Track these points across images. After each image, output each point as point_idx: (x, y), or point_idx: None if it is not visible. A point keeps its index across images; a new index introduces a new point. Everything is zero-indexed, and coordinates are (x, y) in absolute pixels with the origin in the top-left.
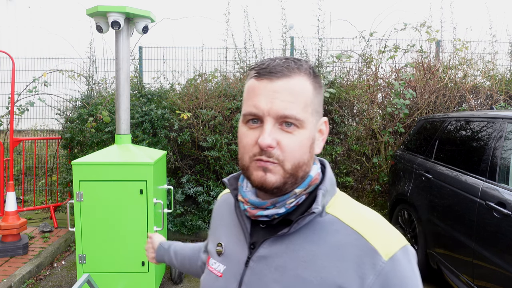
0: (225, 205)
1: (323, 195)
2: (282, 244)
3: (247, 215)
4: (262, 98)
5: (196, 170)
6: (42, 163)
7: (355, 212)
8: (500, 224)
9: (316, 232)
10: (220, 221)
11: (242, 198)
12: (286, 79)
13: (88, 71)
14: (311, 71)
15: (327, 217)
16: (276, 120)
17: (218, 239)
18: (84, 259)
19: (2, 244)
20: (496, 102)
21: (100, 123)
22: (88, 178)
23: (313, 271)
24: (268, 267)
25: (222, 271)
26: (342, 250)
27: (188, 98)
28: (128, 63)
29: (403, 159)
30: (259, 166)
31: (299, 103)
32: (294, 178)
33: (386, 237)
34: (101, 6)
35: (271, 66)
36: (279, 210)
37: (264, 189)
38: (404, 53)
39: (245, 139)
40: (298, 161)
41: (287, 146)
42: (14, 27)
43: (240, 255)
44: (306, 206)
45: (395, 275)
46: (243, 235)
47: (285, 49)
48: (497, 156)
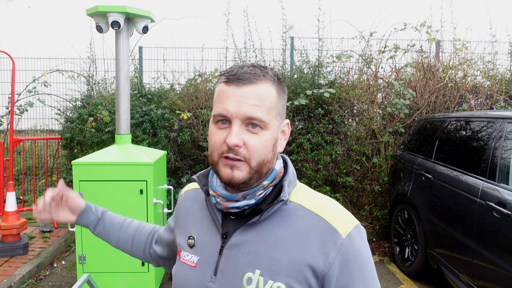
0: (191, 200)
1: (288, 185)
2: (252, 231)
3: (219, 208)
4: (230, 102)
5: (196, 170)
6: (42, 163)
7: (315, 199)
8: (500, 224)
9: (283, 218)
10: (187, 216)
11: (214, 193)
12: (252, 85)
13: (88, 71)
14: (275, 78)
15: (291, 204)
16: (242, 121)
17: (189, 232)
18: (84, 259)
19: (2, 244)
20: (496, 102)
21: (100, 123)
22: (88, 178)
23: (283, 252)
24: (241, 253)
25: (196, 261)
26: (307, 232)
27: (188, 98)
28: (128, 63)
29: (403, 159)
30: (227, 164)
31: (264, 107)
32: (258, 174)
33: (342, 218)
34: (101, 6)
35: (239, 73)
36: (249, 201)
37: (232, 184)
38: (404, 53)
39: (214, 137)
40: (263, 159)
41: (252, 145)
42: (14, 27)
43: (213, 245)
44: (273, 196)
45: (352, 249)
46: (215, 226)
47: (285, 49)
48: (497, 156)
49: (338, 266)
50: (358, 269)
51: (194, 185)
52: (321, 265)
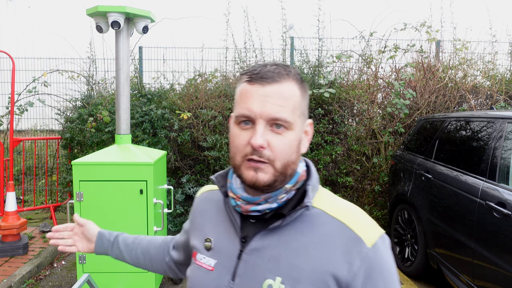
0: (208, 202)
1: (312, 190)
2: (274, 237)
3: (238, 211)
4: (254, 102)
5: (196, 170)
6: (42, 163)
7: (338, 205)
8: (500, 224)
9: (306, 224)
10: (203, 218)
11: (233, 195)
12: (276, 84)
13: (88, 71)
14: (298, 77)
15: (314, 210)
16: (267, 122)
17: (205, 235)
18: (84, 259)
19: (2, 244)
20: (496, 102)
21: (100, 123)
22: (88, 178)
23: (305, 259)
24: (261, 258)
25: (213, 265)
26: (330, 239)
27: (188, 98)
28: (128, 63)
29: (403, 159)
30: (250, 166)
31: (288, 107)
32: (283, 176)
33: (367, 226)
34: (101, 6)
35: (262, 72)
36: (271, 205)
37: (256, 187)
38: (404, 53)
39: (237, 139)
40: (287, 160)
41: (277, 146)
42: (14, 27)
43: (232, 248)
44: (295, 200)
45: (377, 260)
46: (234, 229)
47: (285, 49)
48: (497, 156)
49: (363, 276)
50: (382, 280)
51: (210, 187)
52: (345, 274)
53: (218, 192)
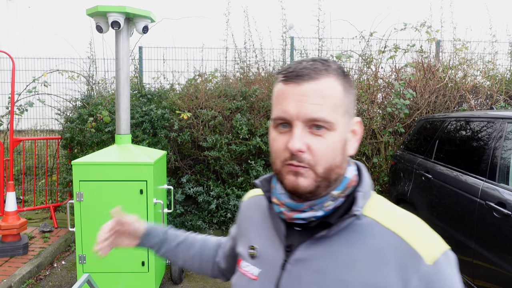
0: (254, 207)
1: (362, 197)
2: (320, 247)
3: (282, 218)
4: (290, 102)
5: (196, 170)
6: (42, 163)
7: (394, 214)
8: (500, 224)
9: (355, 235)
10: (249, 223)
11: (277, 201)
12: (313, 81)
13: (88, 71)
14: (340, 71)
15: (365, 219)
16: (305, 123)
17: (250, 242)
18: (84, 259)
19: (2, 244)
20: (496, 102)
21: (100, 123)
22: (88, 178)
23: (354, 274)
24: (306, 270)
25: (257, 274)
26: (383, 253)
27: (188, 98)
28: (128, 63)
29: (403, 159)
30: (290, 170)
31: (328, 105)
32: (327, 182)
33: (427, 240)
34: (101, 6)
35: (298, 69)
36: (316, 213)
37: (297, 193)
38: (404, 53)
39: (276, 144)
40: (330, 164)
41: (317, 150)
42: (14, 27)
43: (276, 258)
44: (344, 208)
45: (438, 280)
46: (278, 237)
47: (285, 49)
48: (497, 156)
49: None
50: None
51: (257, 191)
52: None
53: (263, 197)
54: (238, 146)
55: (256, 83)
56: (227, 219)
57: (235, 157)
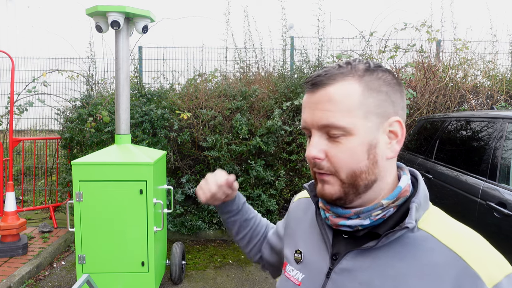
0: (302, 210)
1: (417, 209)
2: (367, 258)
3: (328, 224)
4: (306, 111)
5: (196, 170)
6: (42, 163)
7: (452, 229)
8: (501, 224)
9: (407, 249)
10: (296, 226)
11: (323, 206)
12: (324, 88)
13: (87, 71)
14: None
15: (419, 233)
16: (321, 131)
17: (296, 245)
18: (83, 259)
19: (2, 244)
20: (497, 102)
21: (100, 123)
22: (88, 178)
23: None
24: (351, 281)
25: (301, 280)
26: (437, 271)
27: (188, 98)
28: (128, 63)
29: (403, 159)
30: (318, 178)
31: (338, 110)
32: (354, 188)
33: (488, 261)
34: (101, 6)
35: (313, 77)
36: (363, 221)
37: (326, 200)
38: (405, 53)
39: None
40: (353, 170)
41: (335, 156)
42: (14, 27)
43: (321, 265)
44: (395, 219)
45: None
46: (324, 244)
47: (285, 49)
48: (497, 156)
49: None
50: None
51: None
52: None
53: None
54: (238, 146)
55: (256, 83)
56: None
57: (235, 157)
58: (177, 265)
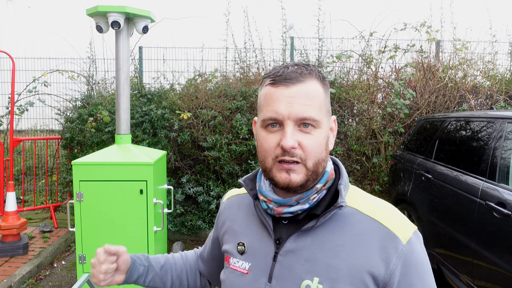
0: (236, 206)
1: (344, 189)
2: (308, 237)
3: (269, 213)
4: (281, 104)
5: (196, 170)
6: (42, 163)
7: (371, 202)
8: (500, 224)
9: (340, 224)
10: (233, 222)
11: (264, 198)
12: (300, 84)
13: (88, 71)
14: (320, 75)
15: (347, 209)
16: (295, 122)
17: (237, 239)
18: (84, 259)
19: (2, 244)
20: (496, 102)
21: (100, 123)
22: (88, 178)
23: (342, 259)
24: (297, 259)
25: (248, 268)
26: (366, 238)
27: (188, 98)
28: (128, 63)
29: (403, 159)
30: (283, 168)
31: (315, 105)
32: (315, 175)
33: (401, 223)
34: (101, 6)
35: (285, 73)
36: (303, 206)
37: (289, 188)
38: (404, 53)
39: (266, 142)
40: (318, 158)
41: (308, 145)
42: (14, 27)
43: (266, 251)
44: (327, 200)
45: (412, 256)
46: (267, 231)
47: (285, 49)
48: (497, 156)
49: (399, 274)
50: (418, 276)
51: (236, 191)
52: (382, 272)
53: (246, 196)
54: (238, 146)
55: (256, 83)
56: None
57: (235, 157)
58: None
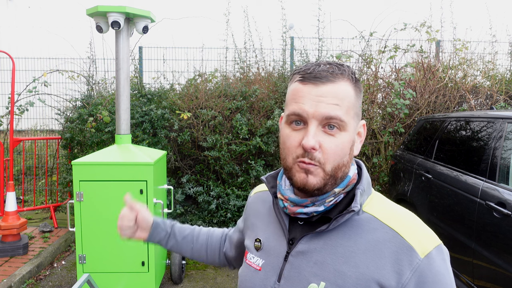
0: (260, 202)
1: (361, 194)
2: (320, 240)
3: (286, 212)
4: (307, 101)
5: (196, 170)
6: (42, 163)
7: (391, 210)
8: (500, 224)
9: (354, 230)
10: (255, 217)
11: (281, 196)
12: (330, 84)
13: (88, 71)
14: (353, 76)
15: (364, 215)
16: (320, 122)
17: (256, 235)
18: (84, 259)
19: (2, 244)
20: (496, 102)
21: (100, 123)
22: (88, 178)
23: (351, 266)
24: (307, 261)
25: (261, 265)
26: (379, 247)
27: (188, 98)
28: (128, 63)
29: (403, 159)
30: (302, 168)
31: (343, 107)
32: (334, 180)
33: (421, 235)
34: (101, 6)
35: (316, 71)
36: (318, 208)
37: (306, 190)
38: (404, 53)
39: (289, 140)
40: (338, 163)
41: (329, 148)
42: (14, 27)
43: (279, 250)
44: (344, 204)
45: (430, 272)
46: (282, 231)
47: (285, 49)
48: (497, 156)
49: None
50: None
51: (263, 187)
52: (393, 285)
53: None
54: (238, 146)
55: (256, 83)
56: (227, 219)
57: (235, 157)
58: (177, 264)
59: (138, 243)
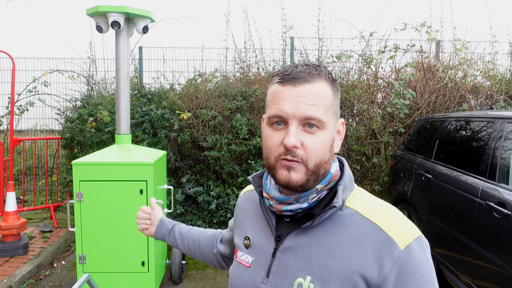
0: (249, 201)
1: (343, 190)
2: (305, 236)
3: (272, 210)
4: (287, 102)
5: (196, 170)
6: (42, 163)
7: (373, 205)
8: (500, 224)
9: (337, 225)
10: (244, 216)
11: (267, 195)
12: (308, 84)
13: (88, 71)
14: (329, 76)
15: (346, 210)
16: (300, 122)
17: (245, 233)
18: (84, 259)
19: (2, 244)
20: (496, 102)
21: (100, 123)
22: (88, 178)
23: (335, 259)
24: (293, 257)
25: (251, 262)
26: (361, 240)
27: (188, 98)
28: (128, 63)
29: (403, 159)
30: (284, 165)
31: (321, 106)
32: (316, 176)
33: (401, 228)
34: (101, 6)
35: (294, 72)
36: (302, 204)
37: (289, 187)
38: (404, 53)
39: (270, 140)
40: (320, 160)
41: (310, 146)
42: (14, 27)
43: (267, 247)
44: (327, 200)
45: (410, 263)
46: (269, 228)
47: (285, 49)
48: (497, 156)
49: (394, 280)
50: (416, 285)
51: (251, 187)
52: (375, 276)
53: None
54: (238, 146)
55: (256, 83)
56: (227, 219)
57: (235, 157)
58: (177, 264)
59: (138, 243)
